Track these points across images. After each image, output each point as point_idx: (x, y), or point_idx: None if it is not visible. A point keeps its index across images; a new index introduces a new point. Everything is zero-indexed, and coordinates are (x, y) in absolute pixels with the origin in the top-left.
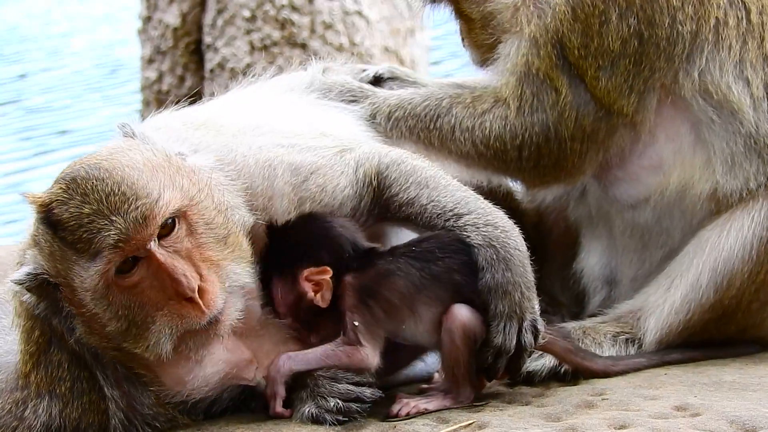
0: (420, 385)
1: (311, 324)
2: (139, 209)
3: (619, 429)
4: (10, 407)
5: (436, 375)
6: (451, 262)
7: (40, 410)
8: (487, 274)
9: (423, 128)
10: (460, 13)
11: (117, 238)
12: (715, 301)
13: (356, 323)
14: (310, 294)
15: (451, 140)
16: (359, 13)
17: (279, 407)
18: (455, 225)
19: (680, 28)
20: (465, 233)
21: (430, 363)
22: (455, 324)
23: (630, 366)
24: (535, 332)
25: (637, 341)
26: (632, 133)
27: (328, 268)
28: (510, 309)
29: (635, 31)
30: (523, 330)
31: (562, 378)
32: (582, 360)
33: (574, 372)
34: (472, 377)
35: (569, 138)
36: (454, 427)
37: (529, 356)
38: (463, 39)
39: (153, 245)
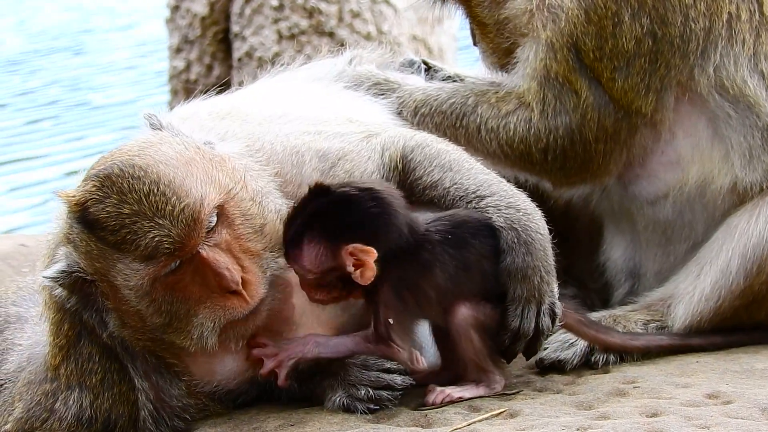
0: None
1: (335, 290)
2: (185, 212)
3: (650, 417)
4: (40, 399)
5: None
6: (482, 248)
7: (71, 402)
8: (508, 258)
9: (449, 125)
10: (473, 18)
11: (172, 245)
12: (745, 287)
13: (390, 320)
14: (350, 268)
15: (477, 139)
16: (387, 2)
17: (283, 379)
18: (477, 207)
19: (693, 25)
20: (487, 215)
21: None
22: (460, 318)
23: (651, 342)
24: (553, 316)
25: (667, 329)
26: (653, 132)
27: (374, 251)
28: (529, 293)
29: (648, 31)
30: (542, 314)
31: (594, 366)
32: (596, 333)
33: (599, 348)
34: (497, 362)
35: (593, 139)
36: (486, 415)
37: (546, 339)
38: (476, 42)
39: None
